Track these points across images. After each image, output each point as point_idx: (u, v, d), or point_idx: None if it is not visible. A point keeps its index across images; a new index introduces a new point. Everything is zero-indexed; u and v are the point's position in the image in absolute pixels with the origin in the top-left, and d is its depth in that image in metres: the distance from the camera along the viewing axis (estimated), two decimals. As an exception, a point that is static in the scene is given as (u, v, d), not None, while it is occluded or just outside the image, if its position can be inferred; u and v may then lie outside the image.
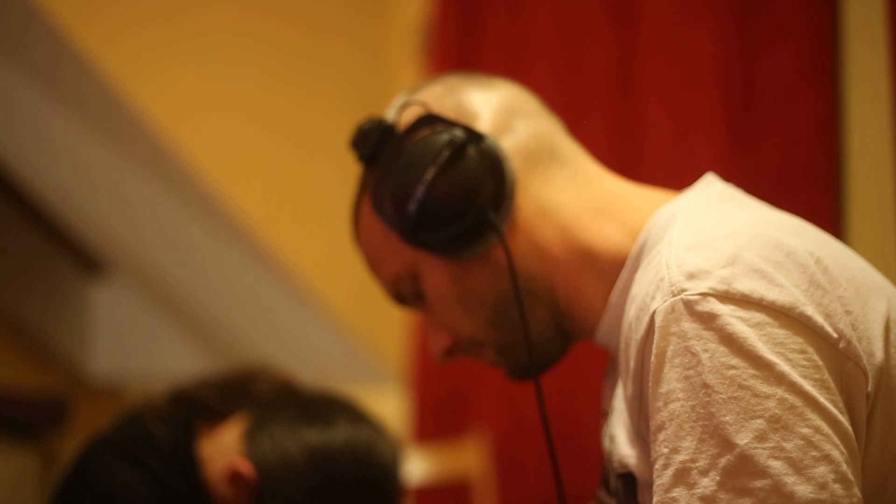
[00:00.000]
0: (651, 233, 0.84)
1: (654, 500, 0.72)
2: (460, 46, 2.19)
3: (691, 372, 0.71)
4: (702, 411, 0.70)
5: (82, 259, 3.04)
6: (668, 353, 0.72)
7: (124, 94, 2.28)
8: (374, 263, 0.96)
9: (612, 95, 1.79)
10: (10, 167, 2.47)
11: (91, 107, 2.37)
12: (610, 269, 0.87)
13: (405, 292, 0.95)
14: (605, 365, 0.95)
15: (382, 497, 1.21)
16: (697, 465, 0.70)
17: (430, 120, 0.89)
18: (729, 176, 0.94)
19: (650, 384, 0.73)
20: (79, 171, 2.53)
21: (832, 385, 0.71)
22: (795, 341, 0.71)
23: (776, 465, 0.68)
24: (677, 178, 0.98)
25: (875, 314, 0.76)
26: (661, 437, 0.72)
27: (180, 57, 2.53)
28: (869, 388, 0.73)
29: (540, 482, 1.91)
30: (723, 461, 0.69)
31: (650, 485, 0.78)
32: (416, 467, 2.04)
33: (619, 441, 0.82)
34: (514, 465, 1.99)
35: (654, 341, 0.73)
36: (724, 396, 0.70)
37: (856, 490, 0.69)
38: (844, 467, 0.69)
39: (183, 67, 2.53)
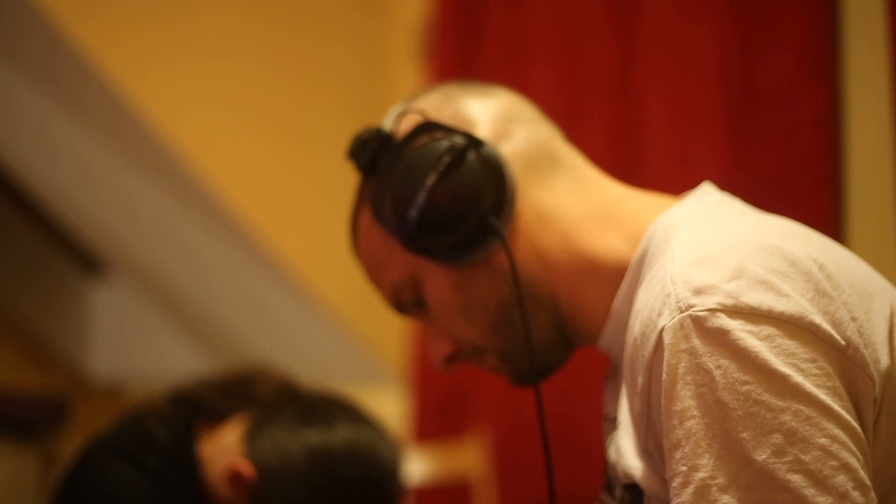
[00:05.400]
0: (651, 241, 0.84)
1: None
2: (460, 46, 2.19)
3: (705, 389, 0.71)
4: (718, 428, 0.70)
5: (82, 259, 3.04)
6: (680, 371, 0.72)
7: (124, 94, 2.28)
8: (374, 273, 0.96)
9: (612, 95, 1.79)
10: (10, 167, 2.47)
11: (91, 107, 2.37)
12: (611, 276, 0.87)
13: (405, 300, 0.94)
14: (605, 368, 0.95)
15: (383, 498, 1.21)
16: (717, 482, 0.70)
17: (428, 127, 0.89)
18: (729, 176, 0.94)
19: (662, 402, 0.73)
20: (79, 171, 2.53)
21: (843, 392, 0.71)
22: (806, 351, 0.71)
23: (796, 479, 0.68)
24: (677, 179, 0.98)
25: (879, 318, 0.76)
26: (678, 455, 0.72)
27: (180, 57, 2.53)
28: (876, 393, 0.73)
29: (540, 482, 1.90)
30: (742, 477, 0.69)
31: (657, 497, 0.78)
32: (416, 467, 2.04)
33: (626, 453, 0.82)
34: (514, 465, 1.99)
35: (665, 359, 0.73)
36: (739, 413, 0.70)
37: (873, 495, 0.69)
38: (861, 473, 0.69)
39: (183, 67, 2.53)
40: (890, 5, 1.27)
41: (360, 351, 2.82)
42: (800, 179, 1.45)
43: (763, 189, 1.45)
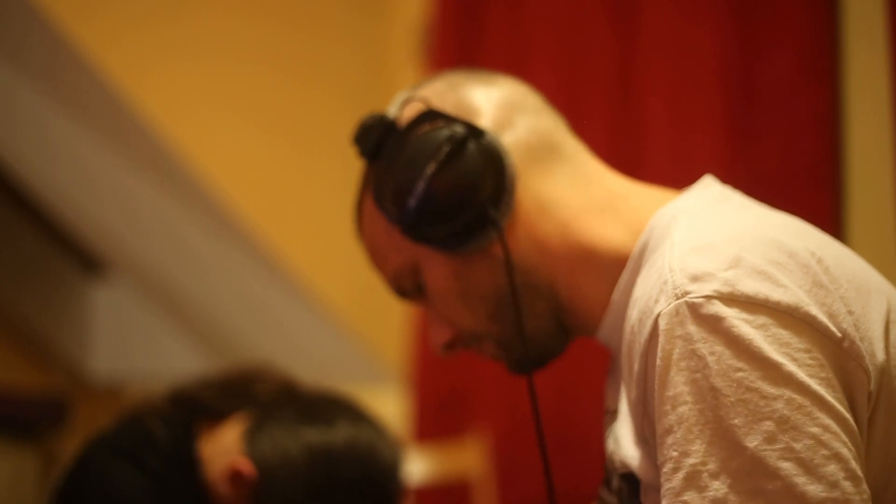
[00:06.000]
0: (653, 233, 0.85)
1: (664, 503, 0.72)
2: (460, 46, 2.19)
3: (698, 375, 0.71)
4: (710, 415, 0.70)
5: (82, 259, 3.04)
6: (674, 357, 0.72)
7: (124, 94, 2.28)
8: (377, 258, 0.97)
9: (612, 95, 1.79)
10: (10, 167, 2.47)
11: (91, 107, 2.37)
12: (611, 267, 0.87)
13: (407, 286, 0.95)
14: (606, 363, 0.96)
15: (383, 497, 1.21)
16: (708, 468, 0.70)
17: (430, 116, 0.90)
18: (729, 175, 0.94)
19: (656, 387, 0.73)
20: (79, 171, 2.53)
21: (837, 384, 0.71)
22: (800, 341, 0.71)
23: (786, 467, 0.68)
24: (677, 178, 0.98)
25: (875, 314, 0.76)
26: (670, 440, 0.72)
27: (180, 57, 2.53)
28: (871, 388, 0.73)
29: (540, 482, 1.91)
30: (733, 464, 0.69)
31: (653, 486, 0.78)
32: (416, 467, 2.04)
33: (623, 443, 0.83)
34: (514, 465, 1.99)
35: (660, 344, 0.73)
36: (732, 399, 0.70)
37: (864, 486, 0.69)
38: (853, 464, 0.69)
39: (183, 67, 2.53)
40: (890, 5, 1.27)
41: (360, 351, 2.82)
42: (800, 179, 1.45)
43: (763, 189, 1.45)
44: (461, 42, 2.19)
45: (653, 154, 1.68)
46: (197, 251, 2.75)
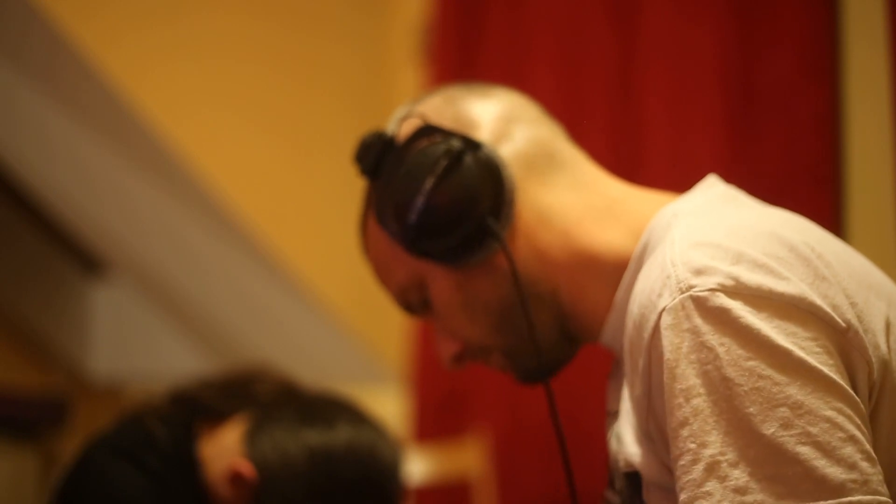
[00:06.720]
0: (653, 234, 0.85)
1: (685, 495, 0.72)
2: (460, 47, 2.19)
3: (709, 367, 0.72)
4: (725, 405, 0.71)
5: (82, 259, 3.04)
6: (684, 350, 0.73)
7: (124, 94, 2.28)
8: (382, 274, 0.97)
9: (612, 95, 1.79)
10: (10, 167, 2.47)
11: (91, 107, 2.37)
12: (612, 271, 0.88)
13: (413, 301, 0.96)
14: (608, 366, 0.96)
15: (383, 498, 1.21)
16: (727, 457, 0.70)
17: (428, 131, 0.90)
18: (729, 175, 0.94)
19: (666, 381, 0.74)
20: (79, 171, 2.53)
21: (844, 371, 0.72)
22: (806, 330, 0.72)
23: (805, 451, 0.68)
24: (677, 178, 0.98)
25: (876, 311, 0.77)
26: (685, 432, 0.72)
27: (180, 57, 2.53)
28: (874, 379, 0.74)
29: (540, 482, 1.91)
30: (752, 452, 0.70)
31: (655, 483, 0.79)
32: (416, 467, 2.04)
33: (626, 440, 0.83)
34: (514, 465, 1.99)
35: (668, 339, 0.74)
36: (745, 388, 0.70)
37: (879, 467, 0.70)
38: (867, 446, 0.70)
39: (183, 67, 2.53)
40: (890, 5, 1.27)
41: (360, 351, 2.82)
42: (800, 179, 1.45)
43: (763, 189, 1.45)
44: (461, 42, 2.19)
45: (653, 154, 1.68)
46: (197, 251, 2.75)
